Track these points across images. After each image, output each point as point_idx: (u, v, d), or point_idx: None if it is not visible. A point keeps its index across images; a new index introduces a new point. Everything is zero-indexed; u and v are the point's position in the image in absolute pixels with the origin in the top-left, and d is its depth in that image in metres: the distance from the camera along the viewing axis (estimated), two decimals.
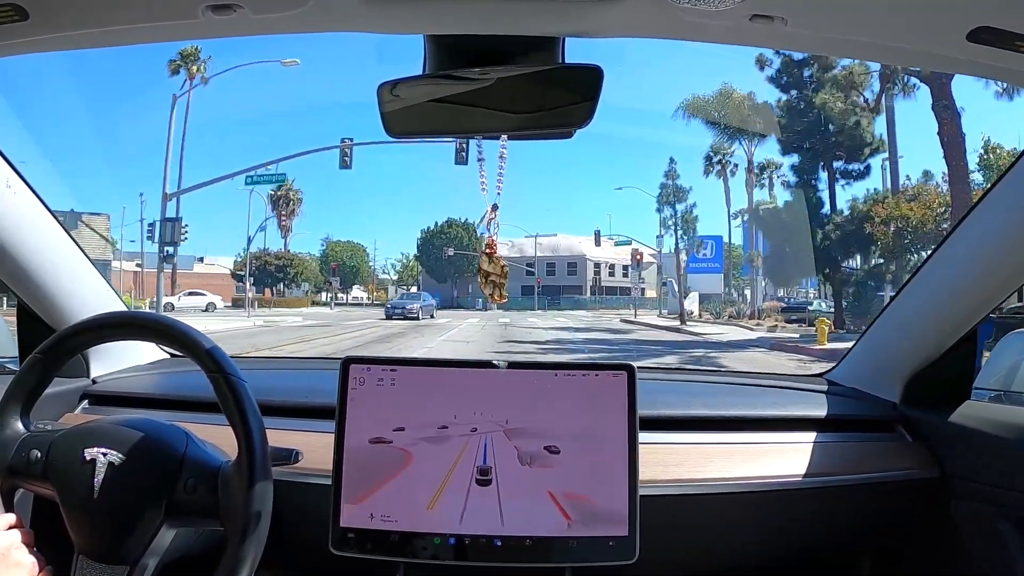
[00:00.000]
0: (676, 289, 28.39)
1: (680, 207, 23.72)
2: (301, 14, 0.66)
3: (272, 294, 36.82)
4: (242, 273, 30.47)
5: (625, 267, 46.34)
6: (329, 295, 39.05)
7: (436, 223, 43.51)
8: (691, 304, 22.99)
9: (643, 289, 48.29)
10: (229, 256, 38.54)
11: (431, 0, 0.66)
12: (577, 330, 16.39)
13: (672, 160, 24.72)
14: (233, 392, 0.74)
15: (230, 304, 28.26)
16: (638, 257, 28.45)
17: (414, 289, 47.48)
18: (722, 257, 26.93)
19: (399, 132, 0.80)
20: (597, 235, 33.82)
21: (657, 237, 29.15)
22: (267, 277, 35.95)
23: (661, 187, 24.37)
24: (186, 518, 0.76)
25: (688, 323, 18.59)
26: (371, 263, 50.71)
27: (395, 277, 52.74)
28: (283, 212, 39.64)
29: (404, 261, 51.05)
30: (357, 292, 50.55)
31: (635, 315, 24.87)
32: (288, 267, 36.93)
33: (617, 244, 35.39)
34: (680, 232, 23.62)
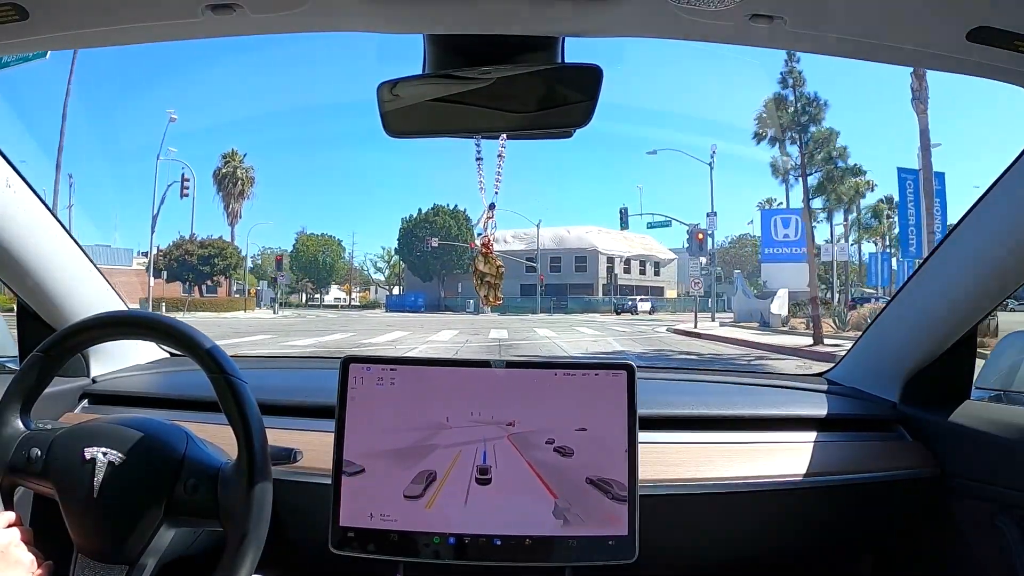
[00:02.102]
0: (745, 287, 20.96)
1: (813, 131, 12.79)
2: (301, 14, 0.66)
3: (200, 292, 29.16)
4: (158, 266, 25.17)
5: (643, 262, 39.91)
6: (277, 294, 30.80)
7: (420, 210, 37.04)
8: (777, 307, 16.34)
9: (662, 288, 41.20)
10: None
11: (431, 0, 0.66)
12: (643, 360, 9.30)
13: (792, 58, 13.42)
14: (233, 392, 0.74)
15: (137, 307, 22.27)
16: (699, 237, 19.27)
17: (397, 290, 40.94)
18: (806, 238, 17.63)
19: (399, 131, 0.80)
20: (624, 214, 23.79)
21: (708, 215, 21.46)
22: (188, 271, 28.50)
23: (775, 100, 13.35)
24: (186, 518, 0.76)
25: (799, 339, 11.66)
26: (348, 259, 43.76)
27: (380, 276, 46.04)
28: (231, 193, 31.81)
29: (385, 257, 44.80)
30: (338, 293, 44.43)
31: (695, 324, 16.50)
32: (216, 258, 28.79)
33: (650, 226, 27.47)
34: (817, 174, 12.76)
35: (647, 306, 29.91)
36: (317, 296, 43.03)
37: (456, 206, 36.08)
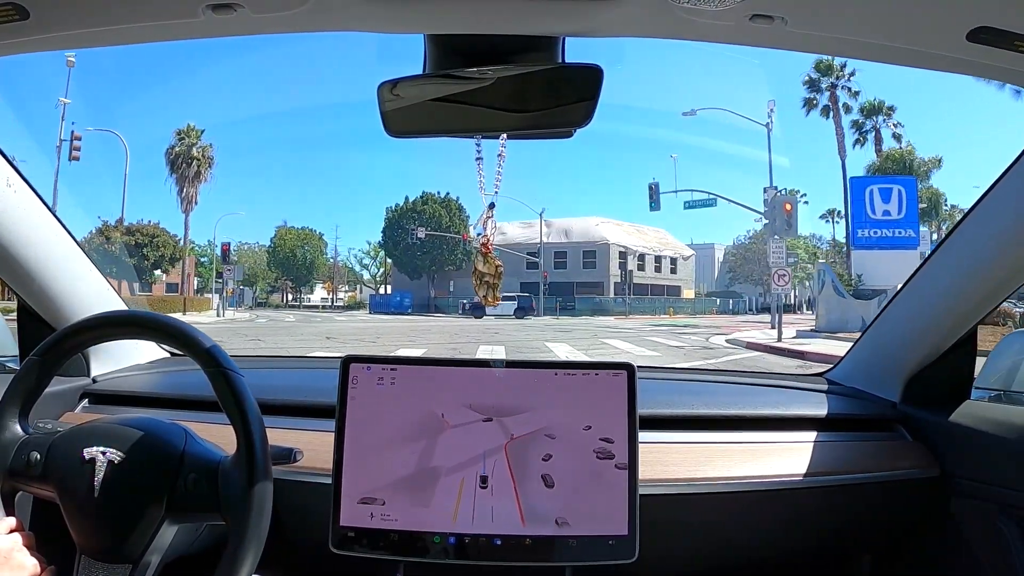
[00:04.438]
0: (837, 283, 14.26)
1: None
2: (301, 13, 0.66)
3: (130, 288, 24.37)
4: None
5: (658, 258, 35.47)
6: (225, 292, 25.24)
7: (407, 198, 32.46)
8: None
9: (679, 287, 36.32)
10: None
11: (431, 0, 0.66)
12: None
13: None
14: (231, 387, 0.75)
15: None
16: (787, 208, 13.70)
17: (384, 289, 36.48)
18: (917, 217, 13.97)
19: (399, 131, 0.80)
20: (654, 191, 18.49)
21: (766, 189, 16.78)
22: (111, 263, 23.65)
23: None
24: (187, 513, 0.76)
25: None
26: (332, 255, 39.56)
27: (367, 274, 41.34)
28: (185, 175, 26.91)
29: (371, 252, 40.26)
30: (324, 293, 40.74)
31: (779, 336, 11.92)
32: (146, 248, 24.60)
33: (689, 206, 21.17)
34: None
35: (510, 306, 24.02)
36: (303, 296, 39.95)
37: (448, 194, 31.87)
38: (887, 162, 18.31)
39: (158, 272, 26.47)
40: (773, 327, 14.01)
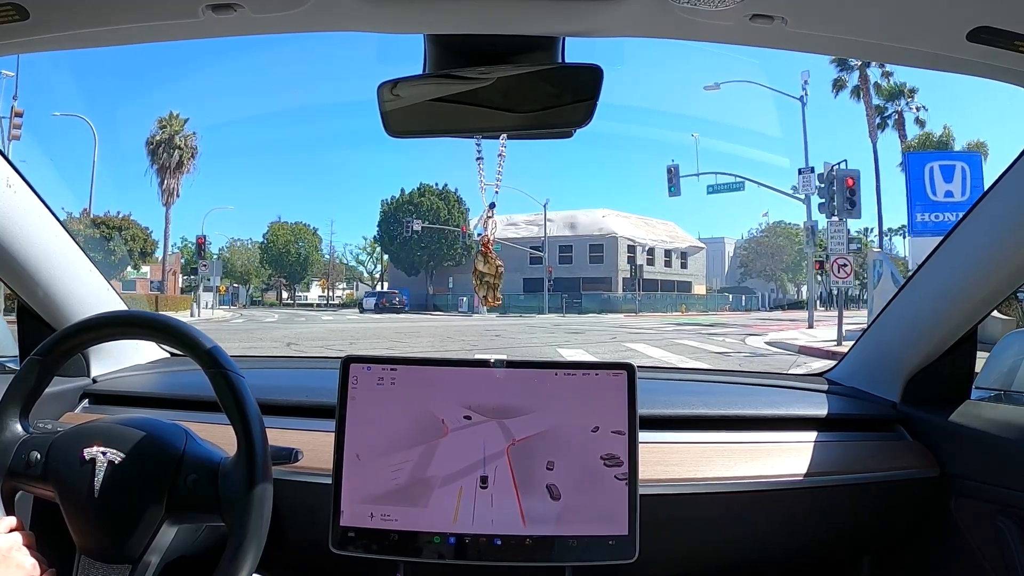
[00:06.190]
0: (897, 275, 10.23)
1: None
2: (301, 14, 0.66)
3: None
4: None
5: (668, 252, 33.40)
6: (201, 288, 23.27)
7: (403, 190, 31.61)
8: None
9: (689, 283, 34.21)
10: None
11: (431, 0, 0.66)
12: None
13: None
14: (231, 387, 0.75)
15: None
16: (849, 183, 11.62)
17: (381, 287, 34.64)
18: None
19: (399, 131, 0.80)
20: (673, 173, 16.63)
21: (801, 171, 14.79)
22: None
23: None
24: (187, 514, 0.76)
25: None
26: (326, 251, 38.51)
27: (363, 271, 39.95)
28: (166, 166, 25.48)
29: (368, 248, 39.08)
30: (321, 291, 39.52)
31: (840, 338, 10.41)
32: (112, 240, 22.33)
33: (713, 190, 18.82)
34: None
35: (372, 301, 22.60)
36: (298, 294, 38.47)
37: (446, 185, 30.87)
38: (924, 148, 16.54)
39: (129, 268, 24.77)
40: (811, 326, 13.11)
